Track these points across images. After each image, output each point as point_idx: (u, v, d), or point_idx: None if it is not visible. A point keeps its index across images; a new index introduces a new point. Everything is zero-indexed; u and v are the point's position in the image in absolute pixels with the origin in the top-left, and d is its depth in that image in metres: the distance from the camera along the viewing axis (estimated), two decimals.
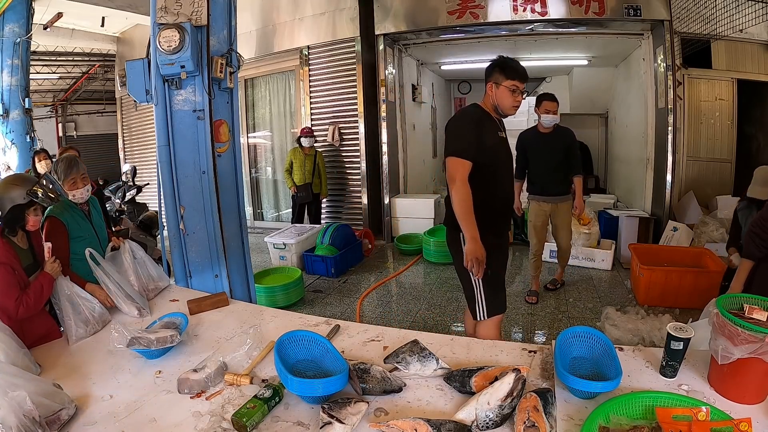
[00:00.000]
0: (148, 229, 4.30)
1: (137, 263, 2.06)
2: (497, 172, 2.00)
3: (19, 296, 1.63)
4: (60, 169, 2.06)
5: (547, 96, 3.39)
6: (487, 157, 1.94)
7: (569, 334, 1.35)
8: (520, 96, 1.95)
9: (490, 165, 1.96)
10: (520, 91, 1.95)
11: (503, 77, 1.93)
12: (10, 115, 5.28)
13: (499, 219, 2.09)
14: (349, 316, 3.57)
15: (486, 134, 1.96)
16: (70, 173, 2.05)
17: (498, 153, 2.01)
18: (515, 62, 1.97)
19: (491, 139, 1.98)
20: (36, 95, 8.59)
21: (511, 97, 1.94)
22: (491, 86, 1.97)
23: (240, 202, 2.45)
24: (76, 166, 2.08)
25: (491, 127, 2.00)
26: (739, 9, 4.15)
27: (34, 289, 1.67)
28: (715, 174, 5.02)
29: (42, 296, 1.68)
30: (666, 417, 1.05)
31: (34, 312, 1.67)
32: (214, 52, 2.18)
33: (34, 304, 1.65)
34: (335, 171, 5.90)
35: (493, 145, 1.98)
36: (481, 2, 4.78)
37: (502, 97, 1.95)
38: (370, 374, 1.25)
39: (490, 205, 1.99)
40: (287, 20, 5.92)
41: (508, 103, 1.95)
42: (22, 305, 1.62)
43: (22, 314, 1.63)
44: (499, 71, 1.95)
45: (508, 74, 1.93)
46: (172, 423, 1.19)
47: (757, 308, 1.15)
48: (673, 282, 3.44)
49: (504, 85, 1.93)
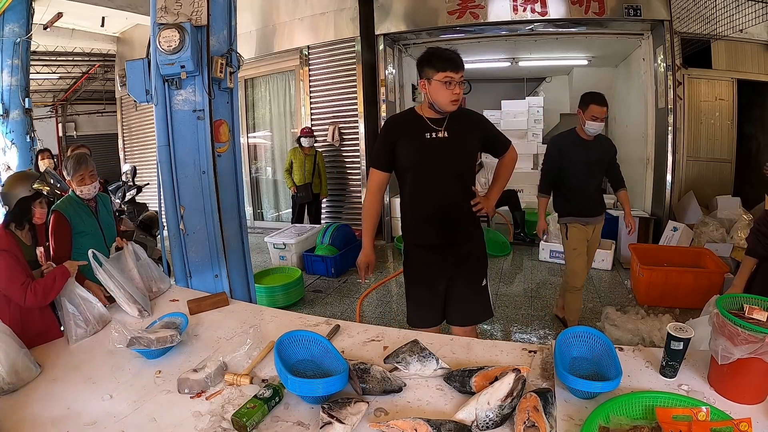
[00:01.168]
0: (148, 229, 4.29)
1: (140, 265, 2.06)
2: (419, 177, 1.85)
3: (26, 282, 1.64)
4: (70, 165, 2.14)
5: (596, 98, 2.70)
6: (403, 162, 1.84)
7: (569, 334, 1.35)
8: (458, 87, 1.72)
9: (410, 170, 1.85)
10: (457, 82, 1.71)
11: (433, 70, 1.71)
12: (10, 115, 5.27)
13: (422, 228, 1.89)
14: (349, 316, 3.57)
15: (404, 139, 1.82)
16: (78, 169, 2.13)
17: (420, 156, 1.81)
18: (445, 51, 1.75)
19: (412, 143, 1.81)
20: (36, 95, 8.59)
21: (446, 90, 1.71)
22: (423, 83, 1.77)
23: (240, 202, 2.45)
24: (86, 163, 2.15)
25: (414, 130, 1.82)
26: (739, 9, 4.15)
27: (46, 279, 1.68)
28: (715, 174, 5.02)
29: (53, 288, 1.68)
30: (666, 417, 1.05)
31: (43, 303, 1.67)
32: (214, 52, 2.18)
33: (43, 293, 1.65)
34: (335, 171, 5.90)
35: (414, 149, 1.81)
36: (481, 2, 4.78)
37: (436, 93, 1.74)
38: (370, 374, 1.25)
39: (411, 214, 1.93)
40: (287, 20, 5.92)
41: (444, 99, 1.73)
42: (30, 291, 1.62)
43: (31, 302, 1.63)
44: (428, 65, 1.73)
45: (438, 66, 1.71)
46: (172, 423, 1.19)
47: (757, 308, 1.15)
48: (673, 282, 3.44)
49: (436, 79, 1.71)
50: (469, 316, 2.00)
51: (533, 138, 6.92)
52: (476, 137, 1.90)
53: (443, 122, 1.82)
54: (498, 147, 1.99)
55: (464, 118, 1.89)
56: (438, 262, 1.91)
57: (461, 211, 1.90)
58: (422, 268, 1.94)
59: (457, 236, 1.91)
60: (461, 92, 1.74)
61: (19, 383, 1.38)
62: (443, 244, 1.90)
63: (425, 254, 1.92)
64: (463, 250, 1.92)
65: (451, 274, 1.92)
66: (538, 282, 4.19)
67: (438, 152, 1.81)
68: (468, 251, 1.93)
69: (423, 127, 1.82)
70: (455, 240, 1.90)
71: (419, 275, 1.96)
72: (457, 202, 1.88)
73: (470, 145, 1.89)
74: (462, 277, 1.94)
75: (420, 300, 1.99)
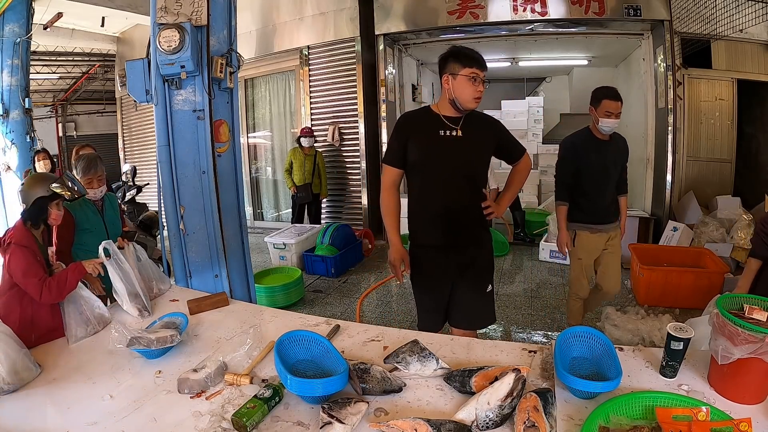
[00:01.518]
0: (148, 229, 4.29)
1: (141, 266, 2.06)
2: (429, 175, 1.83)
3: (43, 277, 1.66)
4: (80, 167, 2.18)
5: (609, 93, 2.49)
6: (414, 159, 1.82)
7: (569, 334, 1.35)
8: (481, 85, 1.73)
9: (420, 167, 1.84)
10: (481, 79, 1.73)
11: (459, 65, 1.72)
12: (10, 115, 5.27)
13: (428, 228, 1.87)
14: (349, 316, 3.56)
15: (417, 135, 1.81)
16: (88, 173, 2.18)
17: (431, 153, 1.80)
18: (472, 50, 1.76)
19: (425, 141, 1.80)
20: (36, 95, 8.59)
21: (471, 86, 1.72)
22: (447, 78, 1.76)
23: (240, 202, 2.45)
24: (95, 167, 2.21)
25: (428, 127, 1.80)
26: (739, 9, 4.15)
27: (60, 276, 1.70)
28: (715, 174, 5.01)
29: (67, 285, 1.70)
30: (666, 417, 1.05)
31: (58, 299, 1.69)
32: (214, 52, 2.18)
33: (57, 290, 1.67)
34: (335, 171, 5.90)
35: (426, 146, 1.80)
36: (481, 2, 4.78)
37: (461, 89, 1.73)
38: (370, 374, 1.25)
39: (418, 213, 1.90)
40: (287, 20, 5.92)
41: (468, 94, 1.73)
42: (46, 287, 1.64)
43: (46, 298, 1.65)
44: (455, 60, 1.74)
45: (465, 62, 1.72)
46: (172, 423, 1.19)
47: (757, 308, 1.15)
48: (673, 282, 3.44)
49: (462, 74, 1.71)
50: (473, 320, 1.98)
51: (533, 138, 6.92)
52: (490, 140, 1.87)
53: (459, 121, 1.80)
54: (513, 153, 1.96)
55: (481, 120, 1.88)
56: (443, 265, 1.88)
57: (469, 214, 1.87)
58: (427, 270, 1.91)
59: (464, 239, 1.87)
60: (483, 91, 1.75)
61: (19, 383, 1.39)
62: (449, 246, 1.86)
63: (431, 255, 1.89)
64: (469, 254, 1.89)
65: (456, 277, 1.89)
66: (538, 282, 4.19)
67: (450, 151, 1.79)
68: (474, 255, 1.90)
69: (437, 125, 1.80)
70: (462, 242, 1.87)
71: (424, 278, 1.94)
72: (466, 203, 1.86)
73: (483, 147, 1.87)
74: (467, 281, 1.91)
75: (426, 304, 1.97)
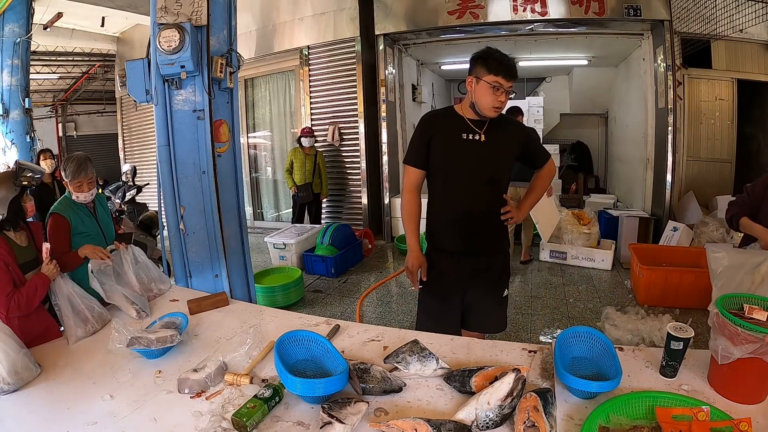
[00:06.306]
0: (148, 229, 4.29)
1: (139, 267, 2.06)
2: (449, 179, 1.76)
3: (11, 293, 1.61)
4: (69, 169, 2.08)
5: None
6: (435, 160, 1.76)
7: (569, 334, 1.35)
8: (503, 96, 1.62)
9: (441, 170, 1.77)
10: (505, 90, 1.62)
11: (485, 71, 1.61)
12: (10, 115, 5.27)
13: (447, 232, 1.80)
14: (349, 316, 3.56)
15: (439, 137, 1.74)
16: (78, 176, 2.07)
17: (453, 156, 1.73)
18: (503, 56, 1.63)
19: (447, 143, 1.73)
20: (36, 95, 8.60)
21: (491, 95, 1.62)
22: (471, 81, 1.67)
23: (240, 202, 2.45)
24: (85, 170, 2.09)
25: (452, 129, 1.73)
26: (739, 9, 4.16)
27: (27, 289, 1.65)
28: (715, 174, 5.02)
29: (35, 297, 1.67)
30: (666, 417, 1.05)
31: (26, 312, 1.65)
32: (214, 52, 2.18)
33: (26, 304, 1.63)
34: (335, 171, 5.90)
35: (447, 149, 1.73)
36: (481, 2, 4.78)
37: (481, 95, 1.64)
38: (370, 374, 1.25)
39: (437, 216, 1.83)
40: (287, 20, 5.92)
41: (487, 102, 1.64)
42: (13, 302, 1.60)
43: (14, 312, 1.61)
44: (481, 64, 1.63)
45: (491, 68, 1.60)
46: (172, 423, 1.19)
47: (757, 308, 1.15)
48: (673, 282, 3.44)
49: (485, 81, 1.61)
50: (484, 326, 1.94)
51: None
52: (515, 146, 1.79)
53: (483, 125, 1.73)
54: (539, 159, 1.89)
55: (507, 125, 1.80)
56: (459, 270, 1.81)
57: (491, 221, 1.80)
58: (442, 274, 1.84)
59: (483, 245, 1.81)
60: (506, 101, 1.65)
61: (19, 383, 1.38)
62: (467, 252, 1.80)
63: (447, 260, 1.82)
64: (486, 260, 1.83)
65: (471, 282, 1.83)
66: (538, 282, 4.19)
67: (472, 155, 1.71)
68: (490, 261, 1.83)
69: (461, 127, 1.72)
70: (480, 249, 1.81)
71: (437, 283, 1.85)
72: (487, 210, 1.78)
73: (507, 152, 1.78)
74: (483, 286, 1.85)
75: (432, 310, 1.89)
